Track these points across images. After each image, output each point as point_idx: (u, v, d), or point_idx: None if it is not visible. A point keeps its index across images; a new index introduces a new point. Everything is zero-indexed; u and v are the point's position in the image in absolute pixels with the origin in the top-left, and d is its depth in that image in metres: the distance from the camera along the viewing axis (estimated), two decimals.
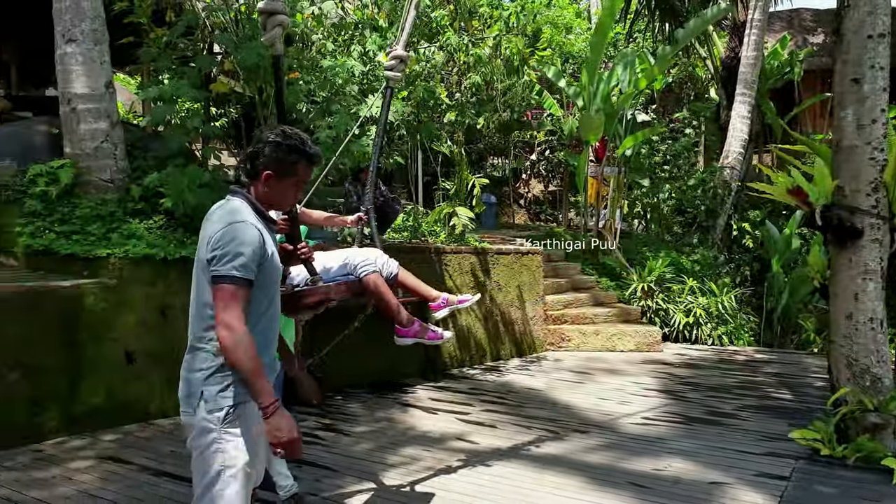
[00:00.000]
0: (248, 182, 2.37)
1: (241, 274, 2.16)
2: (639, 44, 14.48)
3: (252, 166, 2.34)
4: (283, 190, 2.37)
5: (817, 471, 4.42)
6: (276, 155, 2.31)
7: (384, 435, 5.20)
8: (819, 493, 4.06)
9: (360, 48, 7.06)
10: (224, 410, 2.23)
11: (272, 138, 2.32)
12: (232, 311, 2.14)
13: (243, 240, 2.18)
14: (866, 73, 4.64)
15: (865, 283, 4.65)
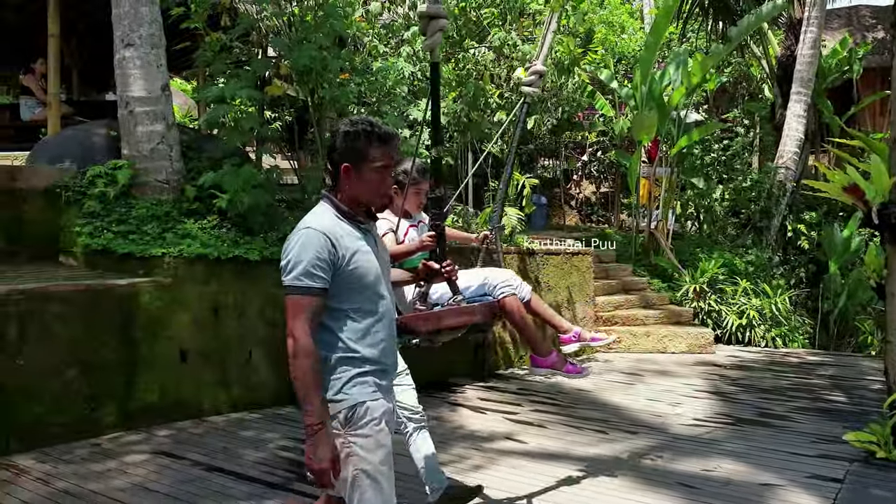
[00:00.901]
0: (333, 185, 2.31)
1: (302, 283, 2.13)
2: (692, 43, 14.25)
3: (332, 166, 2.30)
4: (367, 181, 2.26)
5: (872, 474, 4.32)
6: (346, 145, 2.25)
7: (433, 434, 5.12)
8: (874, 497, 3.98)
9: (410, 49, 7.16)
10: (343, 413, 2.20)
11: (344, 129, 2.28)
12: (296, 321, 2.12)
13: (304, 247, 2.15)
14: None
15: None
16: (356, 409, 2.20)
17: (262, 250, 5.82)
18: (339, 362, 2.24)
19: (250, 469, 4.36)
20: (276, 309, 5.94)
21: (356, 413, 2.20)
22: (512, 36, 8.24)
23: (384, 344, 2.31)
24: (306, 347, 2.12)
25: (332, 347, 2.24)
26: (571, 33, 9.94)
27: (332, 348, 2.24)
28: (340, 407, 2.20)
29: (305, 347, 2.12)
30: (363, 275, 2.25)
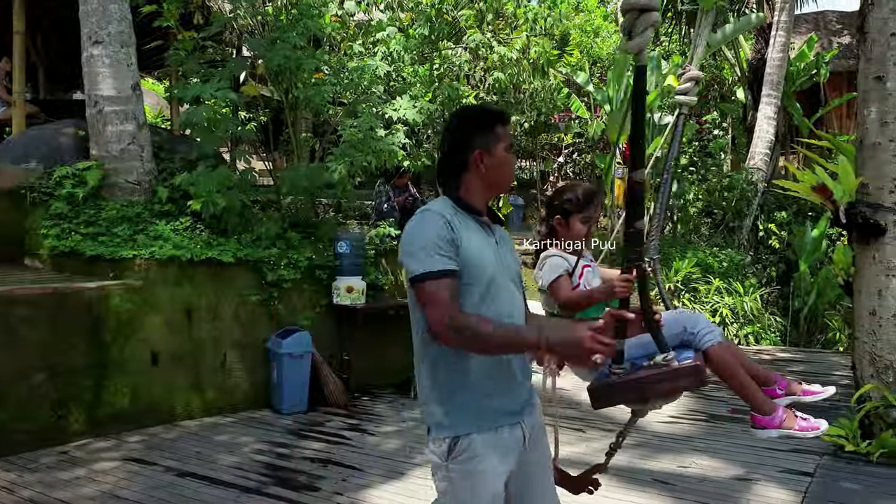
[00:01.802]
0: (451, 183, 2.06)
1: (429, 266, 1.86)
2: (665, 47, 14.42)
3: (455, 159, 2.04)
4: (499, 163, 2.04)
5: (841, 467, 4.41)
6: (473, 129, 2.04)
7: (410, 435, 5.22)
8: (843, 489, 4.05)
9: (385, 49, 7.14)
10: (447, 442, 1.93)
11: (458, 120, 2.09)
12: (436, 305, 1.85)
13: (421, 227, 1.92)
14: (889, 70, 4.61)
15: (889, 280, 4.60)
16: (461, 440, 1.92)
17: (236, 252, 5.76)
18: (443, 381, 1.96)
19: (224, 474, 4.30)
20: (251, 311, 5.88)
21: (460, 445, 1.92)
22: (487, 37, 8.27)
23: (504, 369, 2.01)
24: (461, 317, 1.84)
25: (447, 364, 1.95)
26: (548, 35, 9.99)
27: (446, 365, 1.95)
28: (445, 434, 1.93)
29: (460, 317, 1.84)
30: (480, 271, 1.96)
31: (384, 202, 7.42)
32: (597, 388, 2.42)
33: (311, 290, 6.29)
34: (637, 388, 2.39)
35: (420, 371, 2.01)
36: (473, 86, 8.87)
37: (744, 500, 3.90)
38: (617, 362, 2.34)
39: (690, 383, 2.38)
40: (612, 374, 2.39)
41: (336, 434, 5.22)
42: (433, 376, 1.97)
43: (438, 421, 1.95)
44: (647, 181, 2.28)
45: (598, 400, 2.42)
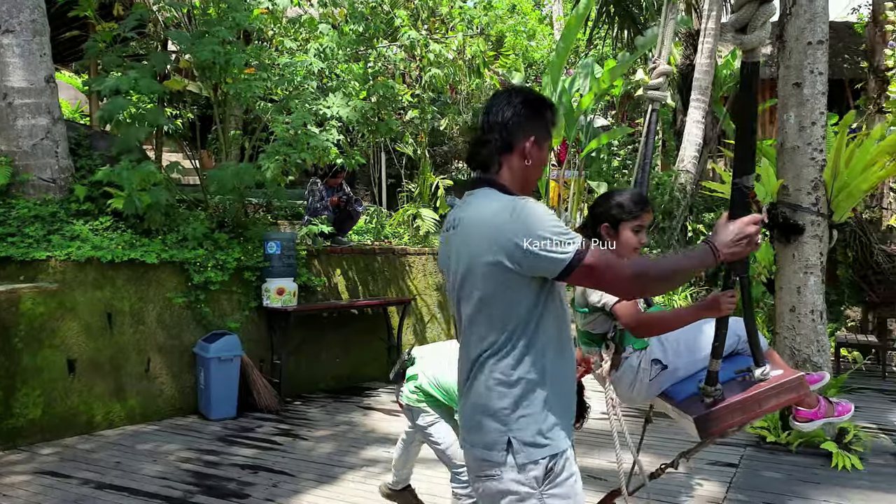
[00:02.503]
0: (489, 163, 1.80)
1: (578, 240, 1.63)
2: (599, 50, 14.70)
3: (503, 137, 1.77)
4: (542, 161, 1.83)
5: (764, 457, 4.58)
6: (534, 113, 1.79)
7: (344, 438, 5.13)
8: (765, 478, 4.21)
9: (318, 45, 7.00)
10: (543, 464, 1.67)
11: (520, 98, 1.80)
12: (612, 268, 1.65)
13: (542, 210, 1.68)
14: (806, 77, 4.78)
15: (807, 278, 4.79)
16: (558, 458, 1.70)
17: (160, 253, 5.53)
18: (534, 389, 1.70)
19: (147, 484, 4.10)
20: (176, 314, 5.67)
21: (557, 465, 1.69)
22: (423, 36, 8.22)
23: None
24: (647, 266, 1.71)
25: (539, 366, 1.71)
26: (483, 35, 10.02)
27: (538, 367, 1.71)
28: (541, 455, 1.67)
29: (647, 267, 1.71)
30: None
31: (317, 201, 7.28)
32: (704, 416, 2.24)
33: (240, 292, 6.10)
34: (746, 409, 2.22)
35: (489, 374, 1.70)
36: (409, 84, 8.80)
37: (674, 493, 3.97)
38: (711, 383, 2.20)
39: (797, 396, 2.25)
40: (707, 396, 2.22)
41: (267, 439, 5.07)
42: (524, 384, 1.68)
43: (530, 440, 1.67)
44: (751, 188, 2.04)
45: (707, 428, 2.25)
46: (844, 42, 15.55)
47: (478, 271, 1.69)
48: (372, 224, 8.59)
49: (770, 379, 2.19)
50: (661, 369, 2.51)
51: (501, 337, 1.69)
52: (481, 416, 1.71)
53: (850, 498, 3.87)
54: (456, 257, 1.77)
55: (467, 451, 1.79)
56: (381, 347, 7.23)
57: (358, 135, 7.22)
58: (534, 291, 1.68)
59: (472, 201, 1.78)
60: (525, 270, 1.64)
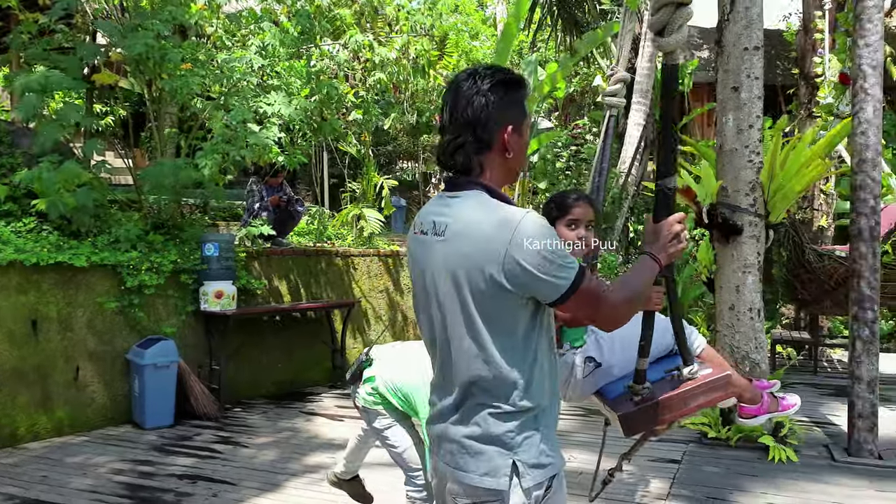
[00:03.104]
0: (468, 166, 1.61)
1: (576, 265, 1.55)
2: (542, 53, 14.85)
3: (476, 134, 1.58)
4: (524, 146, 1.66)
5: (705, 453, 4.68)
6: (505, 97, 1.60)
7: (287, 445, 5.01)
8: (706, 473, 4.30)
9: (259, 42, 6.83)
10: (545, 484, 1.60)
11: (487, 83, 1.59)
12: (600, 298, 1.58)
13: (549, 227, 1.56)
14: (744, 81, 4.91)
15: (745, 277, 4.91)
16: (558, 476, 1.65)
17: (90, 255, 5.28)
18: (535, 410, 1.61)
19: (76, 498, 3.91)
20: (108, 320, 5.43)
21: (555, 482, 1.64)
22: (368, 38, 8.13)
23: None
24: (619, 293, 1.62)
25: (538, 385, 1.61)
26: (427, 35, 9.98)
27: (538, 387, 1.61)
28: (545, 477, 1.60)
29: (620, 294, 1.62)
30: None
31: (256, 201, 7.09)
32: (630, 414, 2.22)
33: (176, 296, 5.89)
34: (673, 407, 2.20)
35: (492, 401, 1.58)
36: (353, 85, 8.69)
37: (620, 490, 4.00)
38: (639, 382, 2.19)
39: (724, 395, 2.24)
40: (636, 395, 2.21)
41: (206, 448, 4.90)
42: (530, 408, 1.59)
43: (535, 461, 1.58)
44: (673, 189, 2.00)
45: (632, 426, 2.24)
46: (776, 49, 16.13)
47: (474, 289, 1.54)
48: (314, 225, 8.43)
49: (698, 378, 2.19)
50: (594, 367, 2.50)
51: (503, 362, 1.55)
52: (479, 443, 1.58)
53: (785, 488, 3.98)
54: (442, 268, 1.58)
55: (453, 477, 1.62)
56: (325, 351, 7.10)
57: (299, 133, 7.06)
58: (530, 311, 1.57)
59: (459, 206, 1.59)
60: (521, 291, 1.52)
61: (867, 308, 4.59)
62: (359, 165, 10.07)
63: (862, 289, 4.60)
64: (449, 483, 1.64)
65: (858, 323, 4.62)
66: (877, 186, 4.67)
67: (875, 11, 4.72)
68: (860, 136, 4.69)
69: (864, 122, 4.68)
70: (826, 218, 8.70)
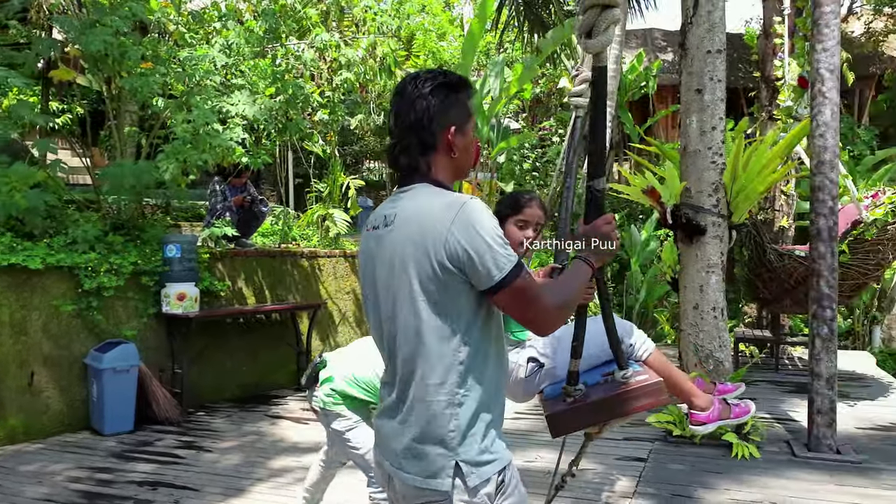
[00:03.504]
0: (417, 166, 1.66)
1: (515, 258, 1.55)
2: (509, 54, 14.91)
3: (420, 135, 1.63)
4: (469, 145, 1.71)
5: (670, 450, 4.73)
6: (447, 101, 1.65)
7: (252, 449, 4.92)
8: (672, 471, 4.34)
9: (223, 40, 6.71)
10: (494, 483, 1.58)
11: (428, 87, 1.64)
12: (537, 295, 1.56)
13: (489, 216, 1.56)
14: (707, 84, 4.98)
15: (709, 276, 4.97)
16: (505, 472, 1.62)
17: (46, 257, 5.13)
18: (480, 405, 1.60)
19: None
20: (65, 323, 5.28)
21: (506, 476, 1.62)
22: (334, 37, 8.05)
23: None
24: (555, 295, 1.60)
25: (481, 377, 1.60)
26: (394, 35, 9.93)
27: (481, 379, 1.60)
28: (491, 472, 1.58)
29: (556, 296, 1.60)
30: None
31: (220, 202, 6.97)
32: (557, 413, 2.21)
33: (136, 298, 5.76)
34: (602, 410, 2.19)
35: (433, 396, 1.56)
36: (319, 84, 8.60)
37: (587, 489, 4.01)
38: (572, 383, 2.17)
39: (656, 401, 2.21)
40: (569, 396, 2.20)
41: (167, 453, 4.80)
42: (472, 403, 1.58)
43: (478, 458, 1.57)
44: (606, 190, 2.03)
45: (559, 427, 2.22)
46: (739, 53, 16.44)
47: (419, 273, 1.54)
48: (279, 226, 8.32)
49: (631, 382, 2.18)
50: (537, 367, 2.51)
51: (447, 348, 1.55)
52: (423, 444, 1.57)
53: (748, 484, 4.04)
54: (390, 256, 1.60)
55: (397, 477, 1.62)
56: (290, 354, 7.01)
57: (264, 133, 6.97)
58: (475, 297, 1.57)
59: (408, 197, 1.63)
60: (462, 275, 1.54)
61: (826, 306, 4.68)
62: (325, 165, 9.98)
63: (821, 287, 4.69)
64: (397, 484, 1.64)
65: (818, 321, 4.71)
66: (834, 188, 4.76)
67: (832, 17, 4.82)
68: (818, 138, 4.78)
69: (822, 125, 4.77)
70: (787, 218, 8.87)
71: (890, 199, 6.05)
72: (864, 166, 13.25)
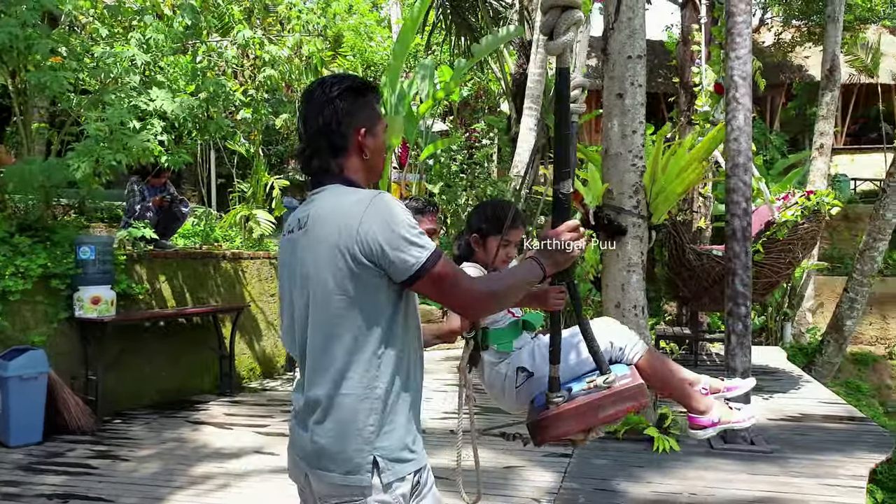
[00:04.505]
0: (328, 168, 1.66)
1: (432, 245, 1.56)
2: (437, 56, 14.96)
3: (330, 138, 1.64)
4: (380, 147, 1.72)
5: (595, 446, 4.83)
6: (353, 103, 1.66)
7: (171, 456, 4.74)
8: (596, 465, 4.46)
9: (141, 36, 6.45)
10: (410, 483, 1.58)
11: (336, 90, 1.65)
12: (462, 280, 1.59)
13: (400, 207, 1.57)
14: (628, 88, 5.12)
15: (630, 275, 5.12)
16: (421, 474, 1.62)
17: None
18: (398, 401, 1.60)
19: None
20: None
21: (422, 478, 1.62)
22: (258, 35, 7.86)
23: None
24: (491, 283, 1.70)
25: (398, 372, 1.60)
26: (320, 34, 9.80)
27: (398, 373, 1.60)
28: (407, 471, 1.58)
29: (491, 284, 1.69)
30: None
31: (137, 202, 6.70)
32: (538, 421, 2.17)
33: (46, 302, 5.46)
34: (582, 416, 2.14)
35: (351, 390, 1.55)
36: (242, 83, 8.39)
37: (514, 486, 4.06)
38: (552, 390, 2.14)
39: (636, 405, 2.17)
40: (550, 403, 2.16)
41: (80, 464, 4.57)
42: (390, 395, 1.57)
43: (397, 455, 1.56)
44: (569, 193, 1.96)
45: (540, 434, 2.16)
46: (659, 59, 17.05)
47: (333, 270, 1.54)
48: (200, 227, 8.07)
49: (613, 387, 2.15)
50: (527, 377, 2.48)
51: (364, 344, 1.55)
52: (341, 439, 1.55)
53: (669, 476, 4.17)
54: (302, 256, 1.60)
55: (314, 476, 1.59)
56: (213, 358, 6.80)
57: (184, 131, 6.74)
58: (394, 291, 1.58)
59: (319, 199, 1.63)
60: (381, 271, 1.54)
61: (741, 303, 4.89)
62: (249, 165, 9.74)
63: (736, 286, 4.90)
64: (313, 483, 1.61)
65: (733, 318, 4.91)
66: (748, 189, 4.99)
67: (744, 27, 5.05)
68: (733, 142, 5.00)
69: (735, 130, 4.99)
70: (704, 220, 9.24)
71: (800, 200, 6.38)
72: (776, 170, 13.98)
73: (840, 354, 9.21)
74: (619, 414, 2.16)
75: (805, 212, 6.24)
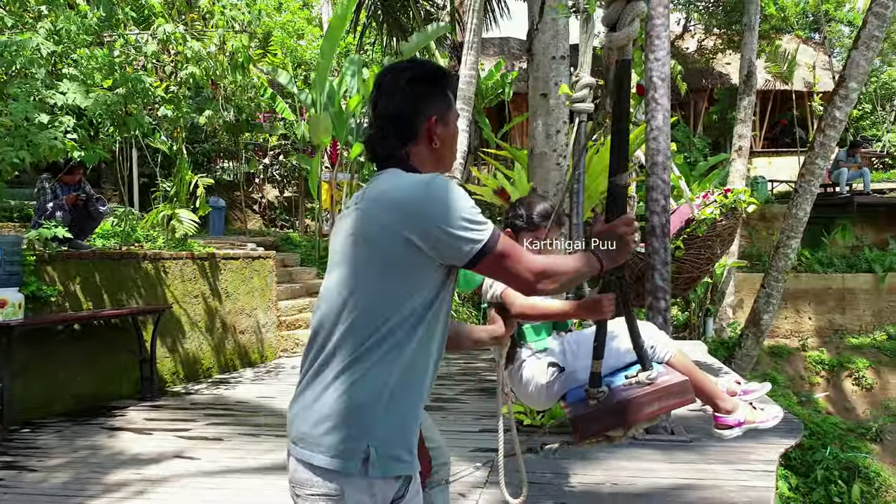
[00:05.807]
0: (394, 156, 1.63)
1: (490, 225, 1.51)
2: (368, 55, 14.88)
3: (400, 126, 1.62)
4: (452, 136, 1.69)
5: (522, 439, 4.85)
6: (426, 89, 1.64)
7: (84, 464, 4.52)
8: (523, 459, 4.43)
9: (51, 26, 6.15)
10: (395, 487, 1.50)
11: (407, 78, 1.63)
12: (524, 258, 1.54)
13: (456, 190, 1.51)
14: (552, 88, 5.21)
15: None
16: (412, 483, 1.56)
17: None
18: (404, 399, 1.53)
19: None
20: None
21: (409, 491, 1.55)
22: (180, 30, 7.62)
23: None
24: (555, 263, 1.60)
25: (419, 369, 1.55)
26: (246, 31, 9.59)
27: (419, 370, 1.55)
28: (397, 472, 1.50)
29: (556, 263, 1.60)
30: None
31: (49, 200, 6.38)
32: (582, 416, 2.12)
33: None
34: (626, 411, 2.10)
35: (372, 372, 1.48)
36: (162, 78, 8.12)
37: None
38: (594, 385, 2.10)
39: (682, 401, 2.15)
40: (592, 399, 2.11)
41: None
42: (406, 384, 1.51)
43: (393, 452, 1.48)
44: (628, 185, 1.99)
45: (584, 429, 2.12)
46: None
47: (383, 250, 1.49)
48: (120, 227, 7.77)
49: (656, 383, 2.15)
50: (557, 372, 2.48)
51: (397, 323, 1.49)
52: (340, 415, 1.46)
53: (593, 467, 4.24)
54: (352, 231, 1.55)
55: (296, 455, 1.51)
56: (132, 361, 6.54)
57: (101, 127, 6.46)
58: (437, 280, 1.53)
59: (377, 179, 1.60)
60: (435, 254, 1.49)
61: (660, 297, 5.03)
62: (172, 164, 9.44)
63: (656, 280, 5.03)
64: (291, 468, 1.53)
65: (653, 312, 5.04)
66: (667, 187, 5.12)
67: (662, 29, 5.19)
68: (652, 141, 5.13)
69: (655, 129, 5.12)
70: None
71: (718, 198, 6.62)
72: (699, 171, 14.49)
73: (758, 347, 9.61)
74: (664, 410, 2.15)
75: (723, 209, 6.46)
